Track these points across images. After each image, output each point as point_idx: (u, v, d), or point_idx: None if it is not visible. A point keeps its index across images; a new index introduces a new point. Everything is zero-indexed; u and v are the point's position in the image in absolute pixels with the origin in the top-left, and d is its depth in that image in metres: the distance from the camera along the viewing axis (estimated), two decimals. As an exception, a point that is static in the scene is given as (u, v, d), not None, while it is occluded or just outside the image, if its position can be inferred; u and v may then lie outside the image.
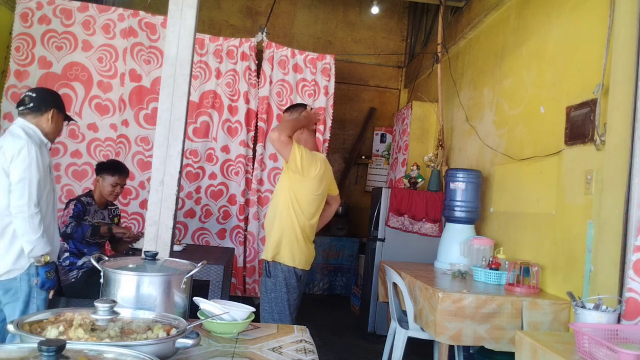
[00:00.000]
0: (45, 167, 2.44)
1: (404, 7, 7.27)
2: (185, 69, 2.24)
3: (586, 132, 2.81)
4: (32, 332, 1.20)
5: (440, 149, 5.03)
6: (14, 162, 2.34)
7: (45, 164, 2.44)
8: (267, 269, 2.76)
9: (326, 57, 4.83)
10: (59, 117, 2.59)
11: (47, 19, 4.29)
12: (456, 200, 3.87)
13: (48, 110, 2.52)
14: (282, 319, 2.71)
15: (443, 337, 2.81)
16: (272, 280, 2.74)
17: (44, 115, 2.51)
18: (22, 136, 2.40)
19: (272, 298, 2.73)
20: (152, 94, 4.40)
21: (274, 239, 2.74)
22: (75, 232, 3.32)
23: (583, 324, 1.86)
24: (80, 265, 3.38)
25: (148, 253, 1.69)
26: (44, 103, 2.52)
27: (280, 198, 2.76)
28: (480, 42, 4.64)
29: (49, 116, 2.52)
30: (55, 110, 2.56)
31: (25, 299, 2.39)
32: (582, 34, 3.01)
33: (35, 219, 2.34)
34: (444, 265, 3.75)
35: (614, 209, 2.28)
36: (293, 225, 2.73)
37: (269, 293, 2.74)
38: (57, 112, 2.58)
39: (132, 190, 4.39)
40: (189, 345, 1.25)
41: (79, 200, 3.44)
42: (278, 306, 2.73)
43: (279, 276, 2.74)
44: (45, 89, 2.79)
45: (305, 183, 2.71)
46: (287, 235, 2.73)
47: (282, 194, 2.76)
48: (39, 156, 2.39)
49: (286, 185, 2.74)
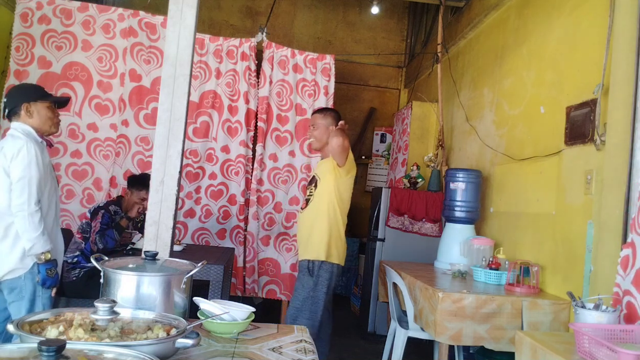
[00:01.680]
0: (45, 166, 2.43)
1: (404, 7, 7.27)
2: (185, 69, 2.24)
3: (586, 132, 2.81)
4: (32, 332, 1.20)
5: (440, 149, 5.03)
6: (14, 161, 2.34)
7: (45, 163, 2.44)
8: (310, 268, 2.89)
9: (326, 57, 4.82)
10: (37, 106, 2.50)
11: (47, 19, 4.29)
12: (456, 200, 3.87)
13: (20, 107, 2.47)
14: (312, 319, 2.81)
15: (443, 337, 2.81)
16: (314, 280, 2.86)
17: (21, 113, 2.48)
18: (21, 136, 2.40)
19: (309, 297, 2.84)
20: (152, 94, 4.40)
21: (319, 239, 2.92)
22: (107, 244, 3.40)
23: (583, 324, 1.86)
24: (84, 265, 3.39)
25: (148, 253, 1.69)
26: (13, 103, 2.49)
27: (324, 199, 2.96)
28: (480, 42, 4.64)
29: (24, 112, 2.47)
30: (27, 103, 2.48)
31: (30, 297, 2.40)
32: (582, 34, 3.01)
33: (35, 217, 2.34)
34: (444, 265, 3.75)
35: (614, 209, 2.28)
36: (338, 224, 2.97)
37: (307, 291, 2.85)
38: (30, 103, 2.49)
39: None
40: (189, 345, 1.25)
41: (107, 210, 3.47)
42: (313, 306, 2.84)
43: (323, 276, 2.88)
44: (13, 88, 2.71)
45: (350, 182, 3.02)
46: (334, 234, 2.94)
47: (326, 196, 2.97)
48: (38, 155, 2.39)
49: (331, 186, 2.96)
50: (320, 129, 3.08)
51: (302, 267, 2.96)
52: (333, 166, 2.94)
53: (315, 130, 3.11)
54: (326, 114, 3.13)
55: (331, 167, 2.95)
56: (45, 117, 2.52)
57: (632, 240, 2.03)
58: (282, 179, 4.71)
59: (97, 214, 3.43)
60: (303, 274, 2.93)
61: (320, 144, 3.12)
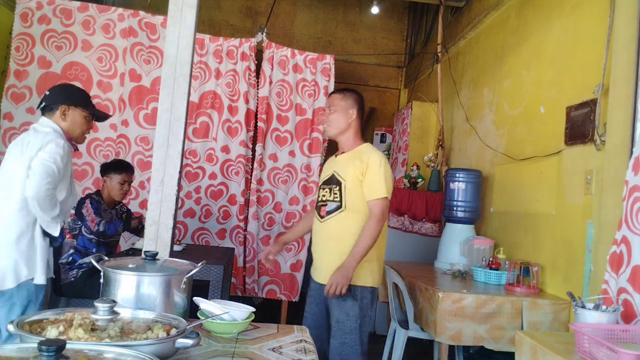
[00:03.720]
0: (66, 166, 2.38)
1: (404, 7, 7.27)
2: (185, 69, 2.24)
3: (586, 132, 2.81)
4: (32, 332, 1.20)
5: (440, 149, 5.03)
6: (42, 151, 2.29)
7: (68, 164, 2.40)
8: (353, 292, 2.41)
9: (326, 57, 4.82)
10: (75, 112, 2.47)
11: (47, 19, 4.28)
12: (456, 200, 3.87)
13: (58, 107, 2.45)
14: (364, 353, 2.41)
15: (443, 337, 2.81)
16: (360, 304, 2.41)
17: (56, 112, 2.45)
18: (50, 132, 2.37)
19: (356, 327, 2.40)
20: (152, 94, 4.40)
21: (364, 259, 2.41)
22: (108, 230, 3.40)
23: (583, 324, 1.86)
24: (80, 265, 3.39)
25: (148, 253, 1.69)
26: (54, 100, 2.46)
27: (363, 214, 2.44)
28: (480, 42, 4.64)
29: (60, 113, 2.45)
30: (66, 105, 2.45)
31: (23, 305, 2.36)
32: (582, 34, 3.01)
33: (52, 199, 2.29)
34: (444, 265, 3.75)
35: (614, 209, 2.28)
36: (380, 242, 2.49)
37: (354, 320, 2.40)
38: (70, 107, 2.46)
39: (132, 190, 4.38)
40: (189, 345, 1.25)
41: (91, 198, 3.47)
42: (362, 335, 2.41)
43: (367, 298, 2.45)
44: (60, 85, 2.68)
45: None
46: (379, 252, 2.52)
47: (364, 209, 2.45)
48: (66, 150, 2.35)
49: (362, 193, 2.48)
50: (338, 112, 2.54)
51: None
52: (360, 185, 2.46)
53: (331, 113, 2.55)
54: (346, 95, 2.58)
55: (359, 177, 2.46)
56: (77, 125, 2.49)
57: (626, 238, 2.03)
58: (282, 179, 4.71)
59: (82, 204, 3.43)
60: (343, 300, 2.41)
61: (337, 131, 2.56)
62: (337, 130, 2.56)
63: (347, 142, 2.58)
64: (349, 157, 2.53)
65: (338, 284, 2.33)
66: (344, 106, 2.54)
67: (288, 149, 4.72)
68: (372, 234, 2.38)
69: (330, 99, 2.62)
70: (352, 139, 2.58)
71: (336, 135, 2.59)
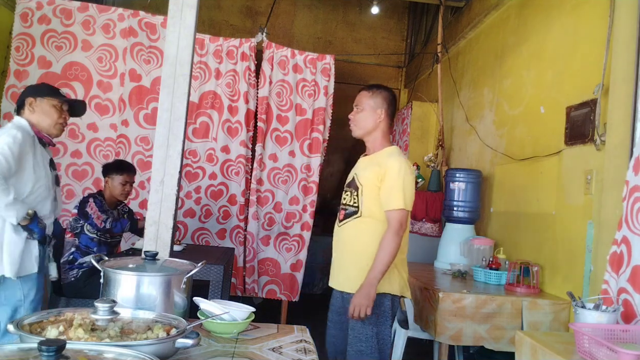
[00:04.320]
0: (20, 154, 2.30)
1: (404, 7, 7.27)
2: (185, 69, 2.24)
3: (586, 132, 2.81)
4: (32, 332, 1.20)
5: (440, 149, 5.03)
6: None
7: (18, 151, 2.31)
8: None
9: (326, 57, 4.82)
10: (42, 102, 2.43)
11: (47, 19, 4.28)
12: (456, 200, 3.87)
13: (25, 102, 2.43)
14: (383, 358, 2.29)
15: (443, 337, 2.81)
16: (376, 312, 2.27)
17: (25, 108, 2.43)
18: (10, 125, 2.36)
19: (373, 334, 2.28)
20: (152, 94, 4.40)
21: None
22: (115, 227, 3.42)
23: (583, 324, 1.86)
24: (81, 264, 3.40)
25: (148, 253, 1.69)
26: (20, 98, 2.46)
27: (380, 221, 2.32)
28: (480, 42, 4.64)
29: (27, 106, 2.43)
30: (32, 98, 2.43)
31: (14, 305, 2.35)
32: (582, 34, 3.01)
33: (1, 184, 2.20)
34: (444, 265, 3.75)
35: (614, 209, 2.28)
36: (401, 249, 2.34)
37: (370, 328, 2.28)
38: (36, 98, 2.43)
39: (132, 190, 4.39)
40: (189, 345, 1.25)
41: (95, 197, 3.48)
42: (380, 342, 2.29)
43: (386, 305, 2.31)
44: (27, 86, 2.67)
45: None
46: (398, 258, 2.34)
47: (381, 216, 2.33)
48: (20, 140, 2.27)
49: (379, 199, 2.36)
50: (365, 112, 2.41)
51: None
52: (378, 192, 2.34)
53: (358, 112, 2.43)
54: (375, 93, 2.43)
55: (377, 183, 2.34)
56: (46, 114, 2.44)
57: (626, 238, 2.03)
58: (282, 179, 4.71)
59: (86, 203, 3.43)
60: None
61: (363, 131, 2.43)
62: (363, 131, 2.44)
63: (374, 143, 2.45)
64: (371, 160, 2.43)
65: (361, 306, 2.19)
66: (372, 105, 2.41)
67: (288, 149, 4.72)
68: (389, 250, 2.24)
69: (359, 96, 2.47)
70: (378, 140, 2.44)
71: (362, 136, 2.46)
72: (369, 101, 2.42)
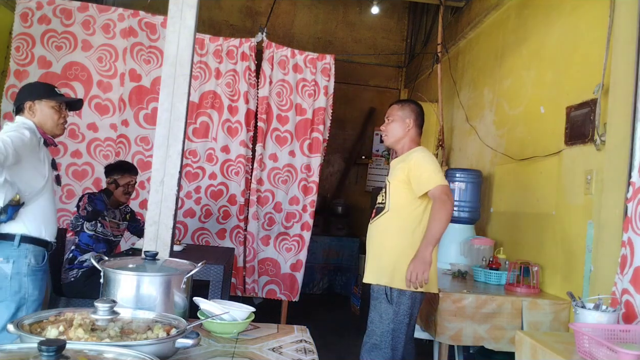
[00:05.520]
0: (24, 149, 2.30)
1: (404, 7, 7.27)
2: (185, 69, 2.24)
3: (586, 132, 2.81)
4: (32, 332, 1.20)
5: (440, 149, 5.03)
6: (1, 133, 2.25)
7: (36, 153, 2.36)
8: (388, 295, 2.42)
9: (326, 57, 4.82)
10: (41, 105, 2.44)
11: (47, 19, 4.28)
12: (456, 200, 3.87)
13: (24, 105, 2.44)
14: (394, 355, 2.41)
15: (443, 337, 2.81)
16: (395, 309, 2.40)
17: (24, 111, 2.45)
18: (19, 123, 2.38)
19: (389, 330, 2.40)
20: (152, 94, 4.40)
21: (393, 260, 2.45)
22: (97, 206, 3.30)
23: (583, 324, 1.86)
24: (81, 264, 3.40)
25: (148, 253, 1.69)
26: (19, 101, 2.47)
27: (412, 214, 2.48)
28: (480, 42, 4.64)
29: (27, 110, 2.44)
30: (30, 101, 2.44)
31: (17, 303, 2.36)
32: (582, 34, 3.01)
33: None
34: (444, 265, 3.75)
35: (614, 209, 2.28)
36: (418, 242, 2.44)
37: (387, 323, 2.41)
38: (34, 102, 2.43)
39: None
40: (189, 345, 1.25)
41: (94, 195, 3.48)
42: (395, 339, 2.40)
43: (405, 304, 2.42)
44: (22, 86, 2.66)
45: None
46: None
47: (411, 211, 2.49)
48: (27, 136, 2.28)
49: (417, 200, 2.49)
50: (396, 122, 2.65)
51: (378, 293, 2.47)
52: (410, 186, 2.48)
53: (389, 123, 2.68)
54: (404, 105, 2.71)
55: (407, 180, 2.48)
56: (47, 117, 2.45)
57: (630, 239, 2.04)
58: (282, 179, 4.71)
59: (80, 199, 3.43)
60: (379, 302, 2.45)
61: (394, 139, 2.67)
62: (394, 139, 2.68)
63: (403, 148, 2.68)
64: (399, 160, 2.65)
65: (417, 272, 2.31)
66: (401, 116, 2.66)
67: (288, 149, 4.72)
68: (440, 217, 2.34)
69: (390, 109, 2.74)
70: (407, 145, 2.66)
71: (393, 144, 2.70)
72: (399, 112, 2.68)
